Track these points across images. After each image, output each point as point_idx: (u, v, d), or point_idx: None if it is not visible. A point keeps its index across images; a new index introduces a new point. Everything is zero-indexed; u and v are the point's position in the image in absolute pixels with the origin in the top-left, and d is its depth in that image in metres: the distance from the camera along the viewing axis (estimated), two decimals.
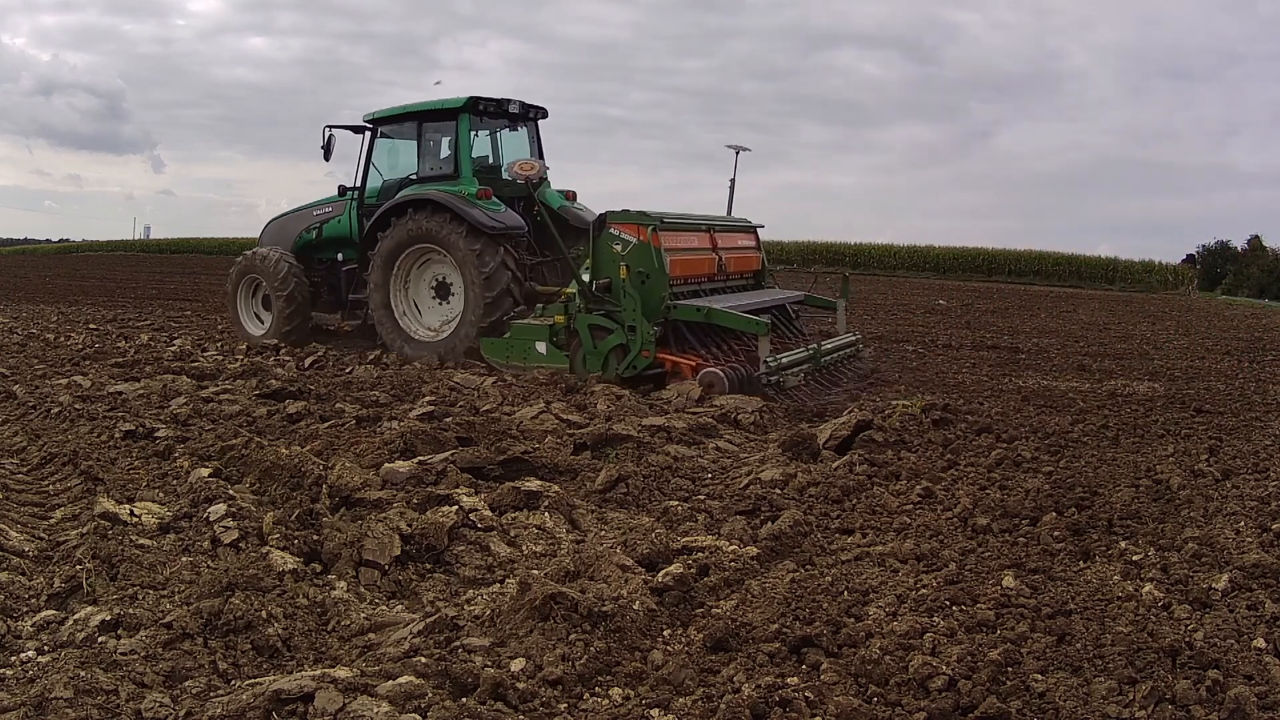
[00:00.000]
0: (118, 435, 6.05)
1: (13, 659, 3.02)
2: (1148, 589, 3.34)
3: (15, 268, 39.47)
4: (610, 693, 2.88)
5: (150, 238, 64.81)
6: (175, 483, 5.11)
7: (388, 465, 5.23)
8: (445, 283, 10.36)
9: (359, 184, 11.32)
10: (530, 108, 11.29)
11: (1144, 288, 35.45)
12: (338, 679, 2.71)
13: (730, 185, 11.71)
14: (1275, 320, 20.95)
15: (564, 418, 6.77)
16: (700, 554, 3.94)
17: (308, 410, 7.02)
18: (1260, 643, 2.89)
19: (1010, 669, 2.81)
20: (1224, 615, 3.11)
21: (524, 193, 10.47)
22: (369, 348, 10.87)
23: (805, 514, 4.56)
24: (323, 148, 11.20)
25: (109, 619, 3.17)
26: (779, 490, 5.06)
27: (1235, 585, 3.34)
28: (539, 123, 11.58)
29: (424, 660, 2.98)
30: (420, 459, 5.35)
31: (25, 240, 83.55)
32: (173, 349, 11.37)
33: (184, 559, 3.90)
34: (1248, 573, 3.42)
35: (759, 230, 11.02)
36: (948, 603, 3.33)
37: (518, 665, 2.97)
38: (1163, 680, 2.69)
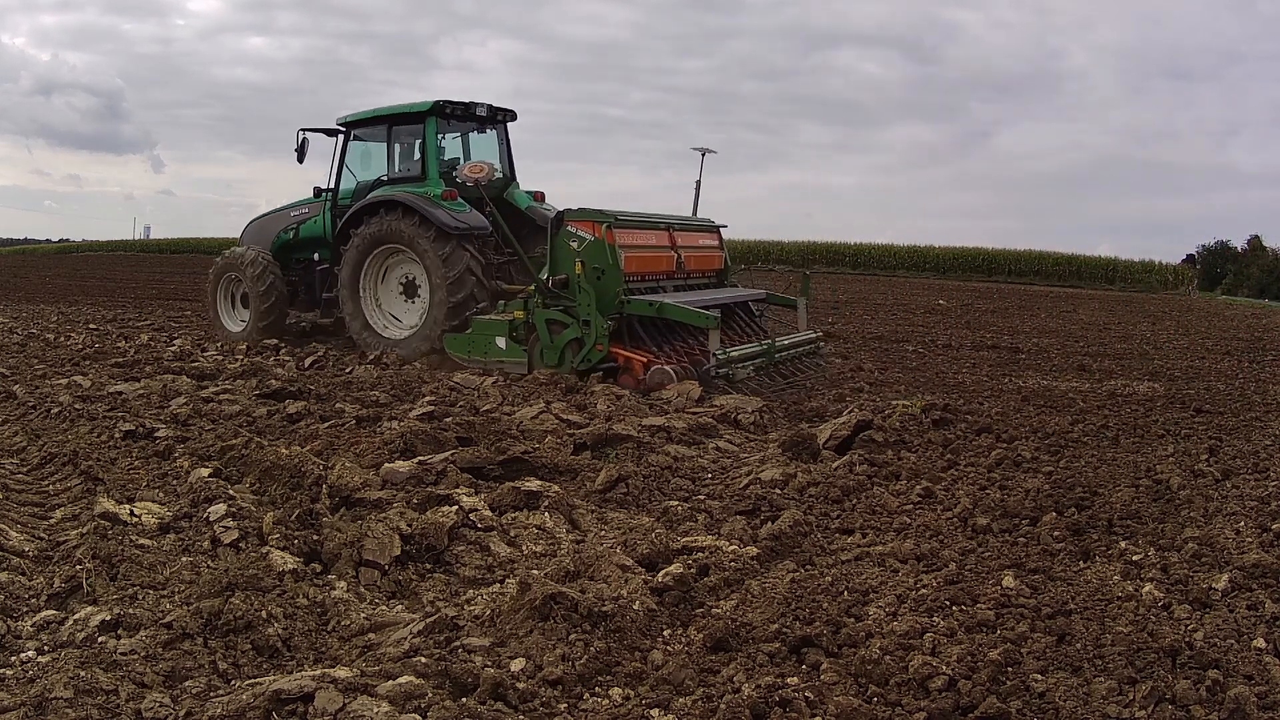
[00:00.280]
0: (118, 435, 6.05)
1: (13, 659, 3.02)
2: (1148, 589, 3.34)
3: (15, 268, 39.47)
4: (610, 693, 2.88)
5: (150, 238, 64.92)
6: (175, 483, 5.11)
7: (388, 465, 5.23)
8: (413, 282, 10.67)
9: (332, 185, 11.70)
10: (498, 110, 11.61)
11: (1144, 288, 35.48)
12: (338, 679, 2.71)
13: (696, 186, 12.14)
14: (1275, 320, 20.96)
15: (564, 418, 6.77)
16: (700, 554, 3.94)
17: (308, 410, 7.02)
18: (1260, 643, 2.89)
19: (1010, 669, 2.81)
20: (1224, 615, 3.11)
21: (492, 193, 10.88)
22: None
23: (805, 514, 4.56)
24: (296, 150, 11.61)
25: (109, 619, 3.17)
26: (779, 490, 5.06)
27: (1235, 585, 3.34)
28: (508, 125, 11.91)
29: (424, 660, 2.98)
30: (420, 459, 5.35)
31: (25, 240, 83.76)
32: (173, 349, 11.37)
33: (184, 559, 3.90)
34: (1248, 573, 3.42)
35: (722, 230, 11.32)
36: (948, 603, 3.32)
37: (518, 665, 2.97)
38: (1163, 680, 2.69)
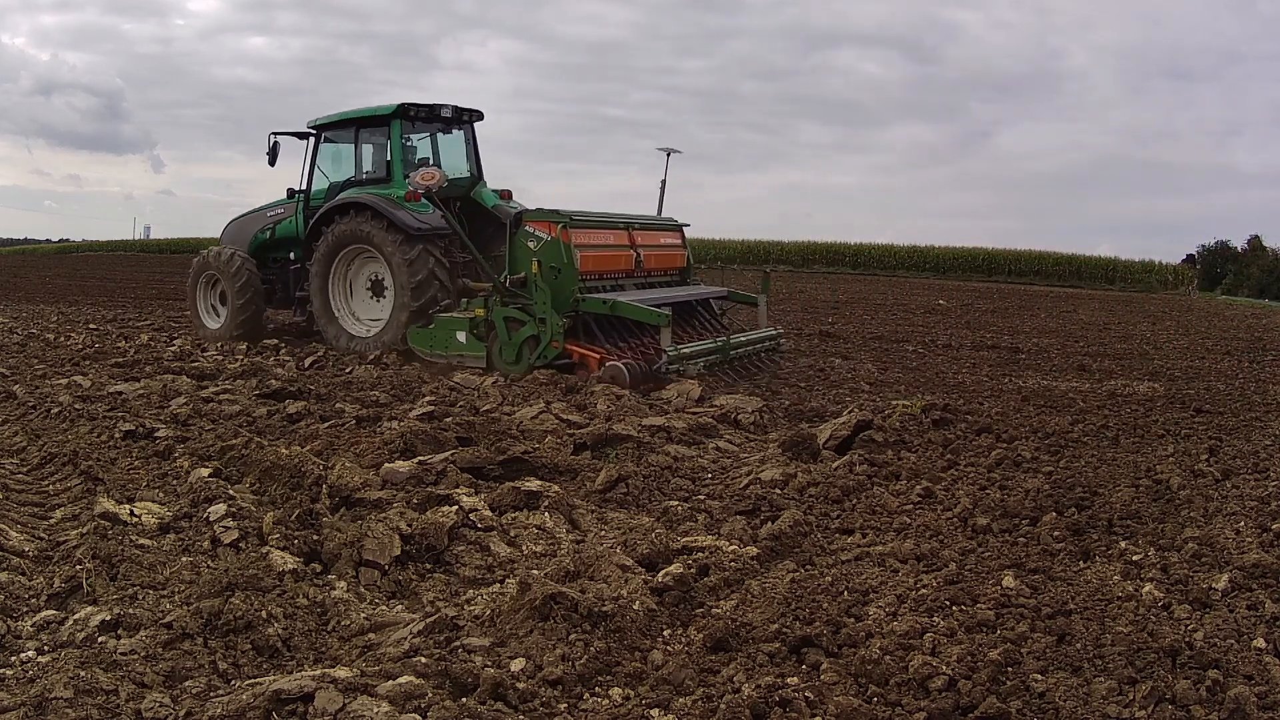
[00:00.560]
0: (118, 435, 6.05)
1: (13, 659, 3.02)
2: (1148, 589, 3.34)
3: (15, 268, 39.47)
4: (610, 693, 2.88)
5: (150, 238, 64.87)
6: (175, 483, 5.11)
7: (388, 465, 5.23)
8: (380, 280, 10.90)
9: (304, 186, 11.96)
10: (464, 111, 11.82)
11: (1144, 288, 35.48)
12: (338, 679, 2.71)
13: (661, 186, 12.24)
14: (1275, 320, 20.96)
15: (564, 418, 6.77)
16: (700, 554, 3.93)
17: (308, 410, 7.03)
18: (1260, 643, 2.89)
19: (1010, 669, 2.81)
20: (1224, 615, 3.11)
21: (458, 194, 11.30)
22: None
23: (805, 514, 4.56)
24: (268, 153, 11.92)
25: (109, 619, 3.17)
26: (779, 490, 5.06)
27: (1235, 585, 3.34)
28: (474, 125, 12.12)
29: (424, 660, 2.98)
30: (420, 459, 5.35)
31: (25, 240, 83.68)
32: (173, 349, 11.37)
33: (184, 559, 3.90)
34: (1248, 573, 3.42)
35: (685, 229, 11.52)
36: (948, 603, 3.32)
37: (518, 665, 2.97)
38: (1163, 680, 2.69)
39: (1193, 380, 10.15)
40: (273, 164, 11.98)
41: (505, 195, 11.93)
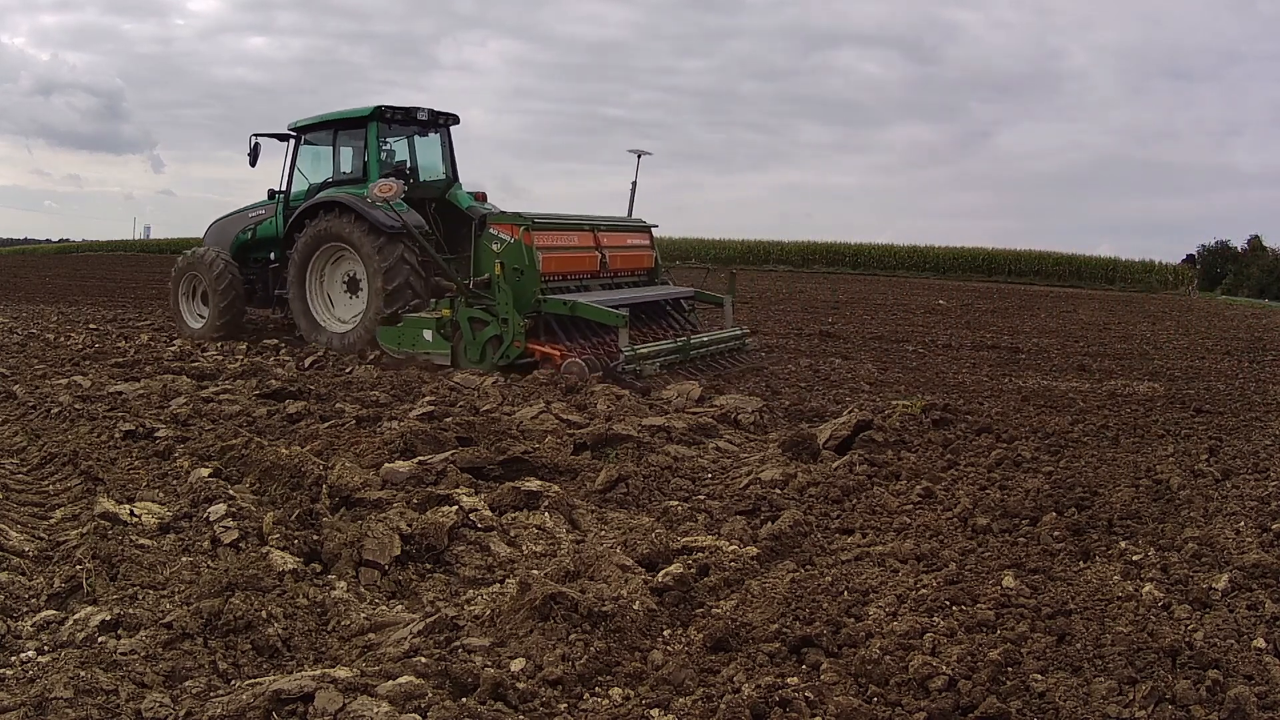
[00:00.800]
0: (118, 435, 6.05)
1: (13, 659, 3.02)
2: (1148, 589, 3.34)
3: (15, 268, 39.46)
4: (610, 693, 2.88)
5: (150, 238, 64.78)
6: (175, 483, 5.11)
7: (388, 465, 5.23)
8: (355, 278, 11.13)
9: (284, 188, 12.18)
10: (439, 114, 12.07)
11: (1144, 288, 35.47)
12: (338, 679, 2.71)
13: (632, 187, 12.57)
14: (1275, 320, 20.96)
15: (564, 418, 6.77)
16: (700, 554, 3.94)
17: (308, 410, 7.03)
18: (1260, 643, 2.89)
19: (1010, 669, 2.81)
20: (1224, 615, 3.11)
21: (433, 195, 11.72)
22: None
23: (805, 514, 4.56)
24: (249, 154, 12.13)
25: (109, 619, 3.17)
26: (779, 490, 5.06)
27: (1235, 585, 3.34)
28: (450, 129, 12.39)
29: (424, 660, 2.98)
30: (420, 459, 5.36)
31: (25, 240, 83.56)
32: (173, 349, 11.38)
33: (184, 559, 3.90)
34: (1248, 573, 3.42)
35: (653, 230, 11.77)
36: (948, 603, 3.32)
37: (518, 665, 2.97)
38: (1163, 680, 2.69)
39: (1193, 380, 10.15)
40: (253, 165, 12.21)
41: (480, 197, 12.20)
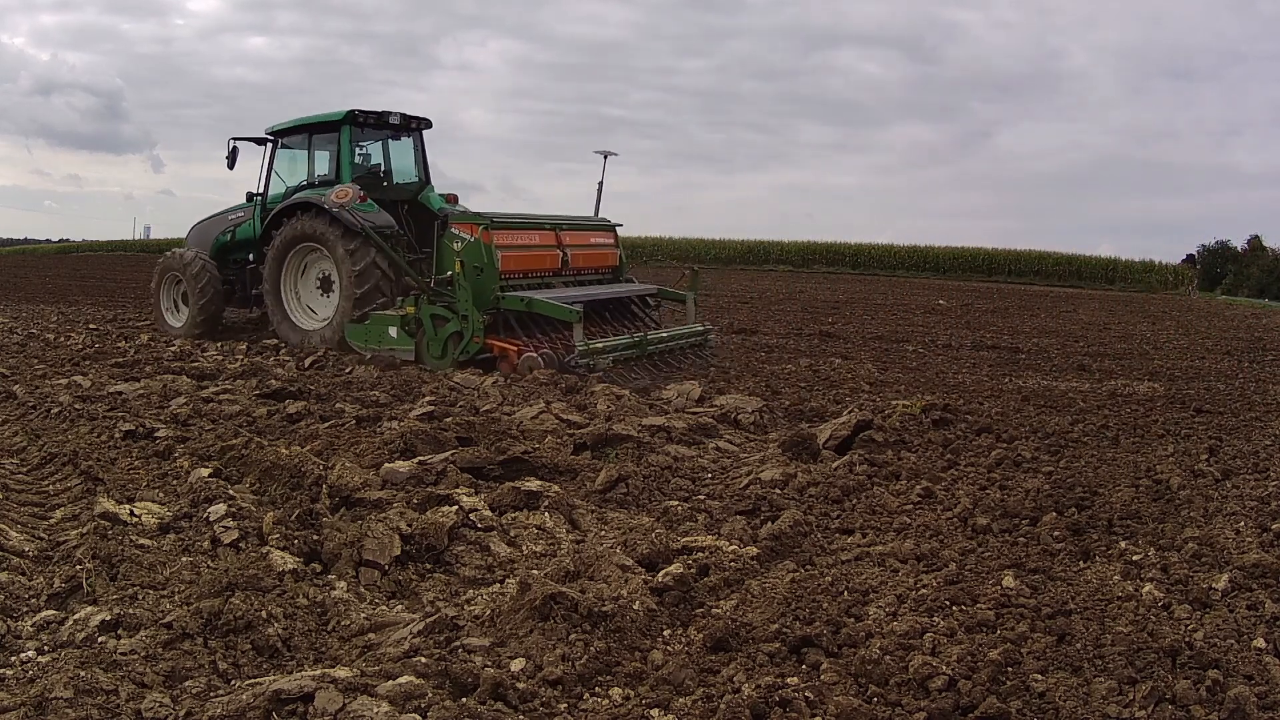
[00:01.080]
0: (118, 435, 6.05)
1: (13, 659, 3.02)
2: (1148, 589, 3.34)
3: (15, 268, 39.45)
4: (610, 693, 2.88)
5: (150, 238, 64.70)
6: (175, 483, 5.11)
7: (388, 465, 5.23)
8: (328, 278, 11.38)
9: (262, 190, 12.43)
10: (412, 119, 12.33)
11: (1144, 288, 35.48)
12: (338, 679, 2.71)
13: (598, 187, 12.81)
14: (1275, 320, 20.97)
15: (564, 418, 6.76)
16: (700, 554, 3.93)
17: (308, 410, 7.03)
18: (1260, 643, 2.89)
19: (1010, 669, 2.81)
20: (1224, 615, 3.11)
21: (406, 197, 12.13)
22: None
23: (805, 514, 4.56)
24: (227, 158, 12.35)
25: (109, 619, 3.17)
26: (779, 490, 5.06)
27: (1235, 585, 3.34)
28: (422, 132, 12.53)
29: (424, 660, 2.98)
30: (420, 459, 5.35)
31: (25, 240, 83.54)
32: (173, 349, 11.38)
33: (184, 559, 3.90)
34: (1248, 573, 3.42)
35: (618, 229, 11.96)
36: (948, 603, 3.32)
37: (518, 665, 2.97)
38: (1163, 680, 2.69)
39: (1193, 380, 10.15)
40: (231, 168, 12.40)
41: (451, 199, 12.44)
